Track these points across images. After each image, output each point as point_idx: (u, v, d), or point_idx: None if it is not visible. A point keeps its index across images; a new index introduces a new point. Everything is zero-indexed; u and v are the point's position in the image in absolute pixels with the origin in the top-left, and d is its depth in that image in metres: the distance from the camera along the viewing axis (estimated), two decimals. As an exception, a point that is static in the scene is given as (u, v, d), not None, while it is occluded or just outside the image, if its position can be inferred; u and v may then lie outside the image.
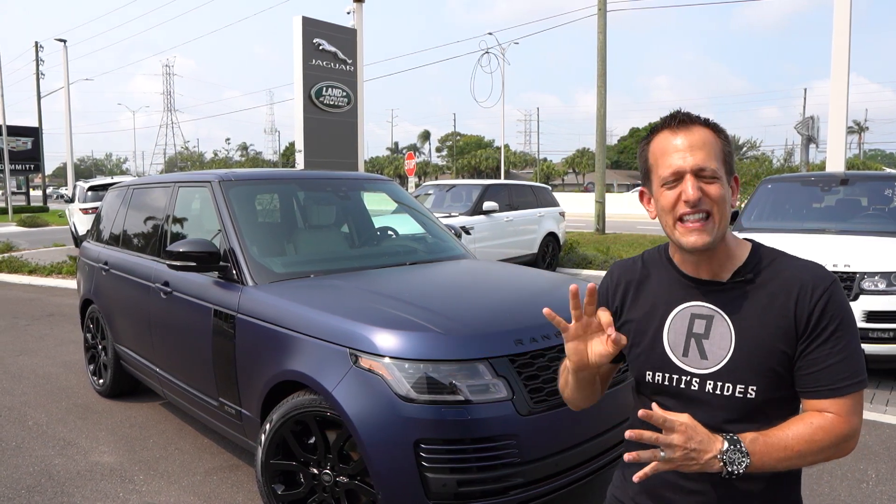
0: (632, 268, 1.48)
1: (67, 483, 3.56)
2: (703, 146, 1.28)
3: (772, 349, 1.27)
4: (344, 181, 4.59)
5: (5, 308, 8.81)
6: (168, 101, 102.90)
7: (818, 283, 1.28)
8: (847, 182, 6.73)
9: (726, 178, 1.31)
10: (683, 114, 1.33)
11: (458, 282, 3.65)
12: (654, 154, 1.34)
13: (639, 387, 1.43)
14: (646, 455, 1.17)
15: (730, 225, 4.90)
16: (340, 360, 2.62)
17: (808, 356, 1.26)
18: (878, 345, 4.93)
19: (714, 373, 1.31)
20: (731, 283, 1.33)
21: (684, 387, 1.33)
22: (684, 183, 1.27)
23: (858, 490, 3.41)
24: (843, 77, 11.21)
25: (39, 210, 35.45)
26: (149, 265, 4.20)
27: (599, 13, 18.45)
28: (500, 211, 10.44)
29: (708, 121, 1.33)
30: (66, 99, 31.84)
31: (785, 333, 1.27)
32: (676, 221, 1.29)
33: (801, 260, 1.34)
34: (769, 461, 1.20)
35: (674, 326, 1.36)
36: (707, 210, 1.27)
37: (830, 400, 1.25)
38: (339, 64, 12.65)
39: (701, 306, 1.35)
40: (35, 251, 15.51)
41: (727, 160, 1.32)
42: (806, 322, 1.26)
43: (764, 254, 1.36)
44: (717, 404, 1.30)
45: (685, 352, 1.34)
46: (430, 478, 2.43)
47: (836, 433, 1.23)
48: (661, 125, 1.35)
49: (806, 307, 1.26)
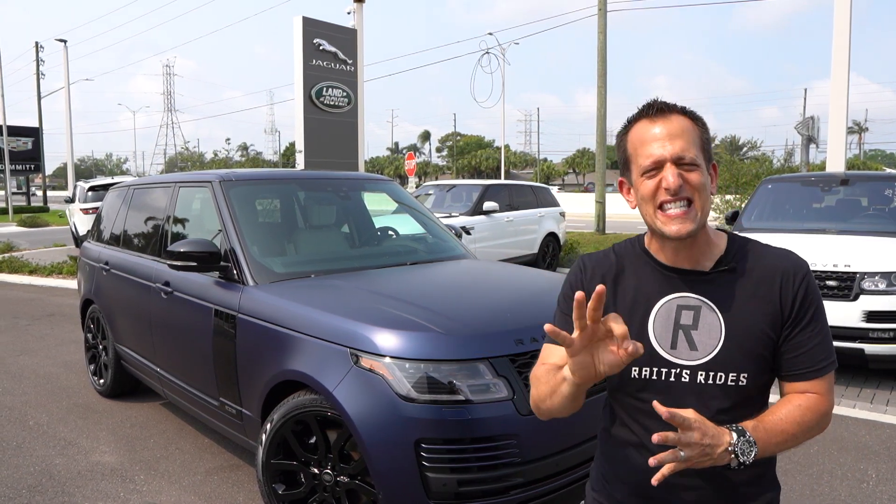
0: (604, 260, 1.45)
1: (68, 483, 3.57)
2: (681, 134, 1.28)
3: (760, 335, 1.30)
4: (344, 181, 4.59)
5: (6, 308, 8.81)
6: (168, 101, 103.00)
7: (797, 270, 1.32)
8: (847, 182, 6.73)
9: (705, 166, 1.31)
10: (661, 102, 1.33)
11: (458, 282, 3.65)
12: (632, 143, 1.33)
13: (621, 384, 1.39)
14: (667, 457, 1.15)
15: (730, 225, 4.92)
16: (341, 359, 2.62)
17: (792, 340, 1.31)
18: (878, 345, 4.93)
19: (706, 363, 1.31)
20: (714, 272, 1.34)
21: (674, 380, 1.33)
22: (664, 171, 1.27)
23: (859, 490, 3.41)
24: (843, 77, 11.21)
25: (40, 210, 35.46)
26: (149, 265, 4.21)
27: (600, 13, 18.46)
28: (500, 211, 10.44)
29: (685, 109, 1.33)
30: (66, 99, 31.86)
31: (771, 319, 1.30)
32: (657, 210, 1.29)
33: (775, 248, 1.38)
34: (770, 447, 1.24)
35: (659, 319, 1.35)
36: (688, 197, 1.27)
37: (813, 381, 1.31)
38: (339, 64, 12.65)
39: (687, 297, 1.34)
40: (35, 251, 15.51)
41: (705, 147, 1.32)
42: (791, 308, 1.30)
43: (740, 243, 1.38)
44: (710, 394, 1.31)
45: (673, 344, 1.33)
46: (430, 477, 2.44)
47: (820, 411, 1.30)
48: (638, 114, 1.35)
49: (790, 293, 1.30)
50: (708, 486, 1.33)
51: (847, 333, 5.00)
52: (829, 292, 5.11)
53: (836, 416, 4.45)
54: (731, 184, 14.92)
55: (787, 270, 1.32)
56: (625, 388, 1.39)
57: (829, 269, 5.14)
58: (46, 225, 26.09)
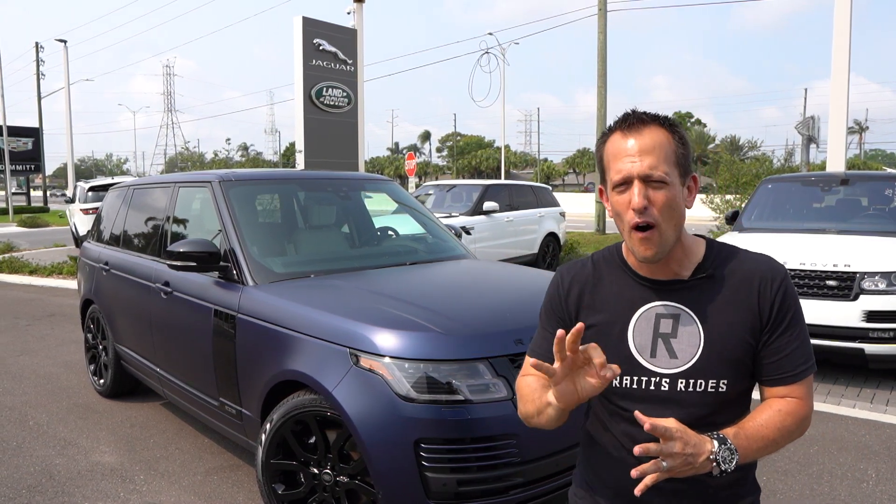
0: (581, 270, 1.46)
1: (68, 483, 3.57)
2: (652, 150, 1.26)
3: (739, 341, 1.30)
4: (344, 181, 4.59)
5: (6, 308, 8.81)
6: (168, 101, 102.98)
7: (775, 275, 1.32)
8: (847, 182, 6.73)
9: (680, 180, 1.29)
10: (637, 114, 1.31)
11: (458, 282, 3.65)
12: (607, 156, 1.33)
13: (602, 392, 1.36)
14: (650, 468, 1.16)
15: (730, 225, 4.92)
16: (341, 359, 2.62)
17: (771, 345, 1.31)
18: (878, 345, 4.93)
19: (685, 371, 1.31)
20: (692, 280, 1.34)
21: (654, 388, 1.33)
22: (632, 190, 1.27)
23: (859, 490, 3.41)
24: (843, 77, 11.20)
25: (40, 210, 35.46)
26: (149, 265, 4.21)
27: (600, 13, 18.46)
28: (500, 211, 10.44)
29: (662, 119, 1.31)
30: (66, 99, 31.85)
31: (750, 325, 1.30)
32: (630, 230, 1.29)
33: (753, 253, 1.38)
34: (751, 453, 1.24)
35: (639, 328, 1.35)
36: (651, 221, 1.26)
37: (792, 385, 1.31)
38: (339, 64, 12.65)
39: (665, 305, 1.34)
40: (35, 251, 15.52)
41: (680, 162, 1.30)
42: (769, 313, 1.30)
43: (718, 249, 1.38)
44: (690, 402, 1.31)
45: (653, 353, 1.33)
46: (430, 477, 2.44)
47: (800, 415, 1.30)
48: (615, 125, 1.33)
49: (768, 299, 1.30)
50: (690, 490, 1.33)
51: (847, 333, 5.00)
52: (829, 292, 5.11)
53: (836, 416, 4.45)
54: (732, 184, 14.92)
55: (764, 276, 1.32)
56: (606, 396, 1.39)
57: (829, 269, 5.14)
58: (47, 225, 26.09)
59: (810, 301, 5.13)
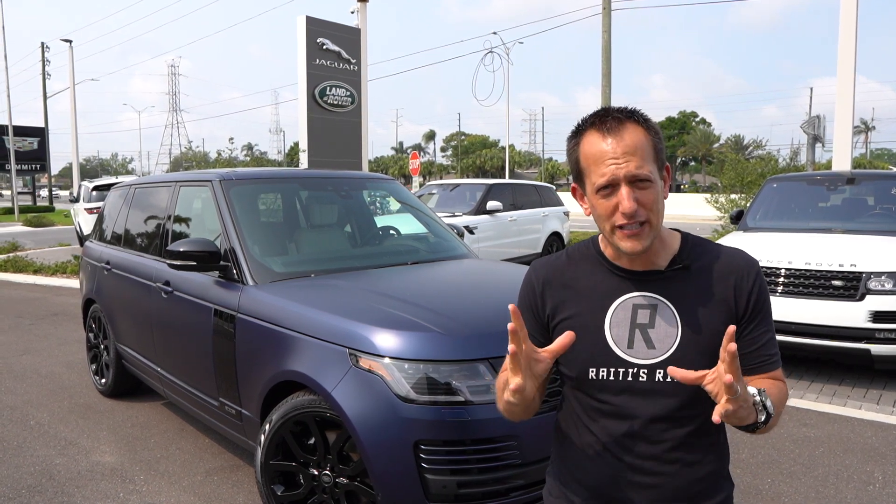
0: (555, 264, 1.45)
1: (68, 483, 3.56)
2: (635, 150, 1.26)
3: (715, 331, 1.30)
4: (345, 180, 4.57)
5: (10, 307, 8.83)
6: (173, 101, 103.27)
7: (750, 268, 1.35)
8: (853, 181, 6.68)
9: (658, 174, 1.30)
10: (613, 112, 1.29)
11: (459, 282, 3.62)
12: (585, 157, 1.30)
13: (579, 384, 1.38)
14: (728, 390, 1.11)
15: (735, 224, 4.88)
16: (340, 360, 2.60)
17: (747, 336, 1.33)
18: (885, 345, 4.88)
19: (663, 361, 1.31)
20: (669, 271, 1.35)
21: (632, 380, 1.32)
22: (620, 194, 1.25)
23: (865, 492, 3.37)
24: (849, 76, 11.13)
25: (45, 210, 35.59)
26: (150, 265, 4.19)
27: (604, 12, 18.39)
28: (503, 210, 10.42)
29: (636, 115, 1.30)
30: (71, 99, 31.93)
31: (727, 315, 1.32)
32: (615, 228, 1.28)
33: (726, 247, 1.41)
34: (776, 412, 1.24)
35: (615, 319, 1.35)
36: (643, 220, 1.27)
37: (773, 371, 1.35)
38: (342, 63, 12.64)
39: (642, 296, 1.34)
40: (40, 251, 15.56)
41: (658, 157, 1.30)
42: (745, 305, 1.33)
43: (692, 241, 1.40)
44: (669, 392, 1.31)
45: (630, 344, 1.33)
46: (430, 479, 2.41)
47: (785, 393, 1.35)
48: (590, 123, 1.31)
49: (744, 291, 1.33)
50: (666, 485, 1.33)
51: (853, 334, 4.95)
52: (835, 292, 5.06)
53: (841, 418, 4.40)
54: (737, 183, 14.87)
55: (741, 268, 1.34)
56: (583, 388, 1.38)
57: (835, 269, 5.09)
58: (52, 224, 26.18)
59: (816, 301, 5.08)
